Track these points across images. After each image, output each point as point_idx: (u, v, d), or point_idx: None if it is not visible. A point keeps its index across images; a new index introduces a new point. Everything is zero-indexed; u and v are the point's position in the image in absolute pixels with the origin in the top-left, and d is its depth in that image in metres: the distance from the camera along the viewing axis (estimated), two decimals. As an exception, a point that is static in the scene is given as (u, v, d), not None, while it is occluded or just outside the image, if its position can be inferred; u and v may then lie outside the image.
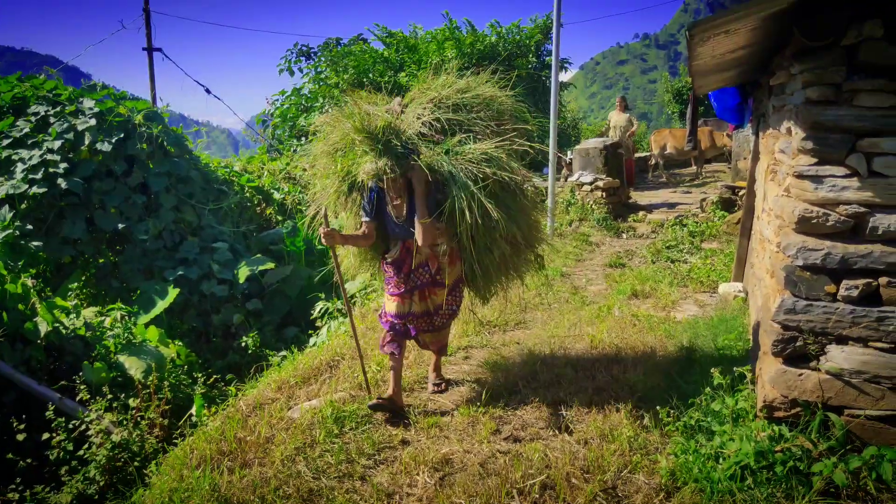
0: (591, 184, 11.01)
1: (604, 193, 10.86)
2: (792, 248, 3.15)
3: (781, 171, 3.77)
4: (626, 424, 3.70)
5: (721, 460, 3.13)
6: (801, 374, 3.19)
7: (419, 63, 17.14)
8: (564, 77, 22.37)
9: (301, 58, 22.04)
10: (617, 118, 13.83)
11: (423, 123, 3.85)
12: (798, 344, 3.18)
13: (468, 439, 3.69)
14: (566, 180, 11.70)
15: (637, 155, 17.94)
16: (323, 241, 3.86)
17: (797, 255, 3.13)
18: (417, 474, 3.35)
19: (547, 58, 19.09)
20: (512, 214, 3.89)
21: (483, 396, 4.19)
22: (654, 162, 15.75)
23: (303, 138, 17.34)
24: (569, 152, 13.00)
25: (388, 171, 3.65)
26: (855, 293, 3.05)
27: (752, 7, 2.87)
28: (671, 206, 11.43)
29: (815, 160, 3.09)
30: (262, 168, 12.83)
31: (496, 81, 4.22)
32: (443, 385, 4.46)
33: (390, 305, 4.10)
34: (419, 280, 4.04)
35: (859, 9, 2.86)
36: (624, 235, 10.03)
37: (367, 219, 3.99)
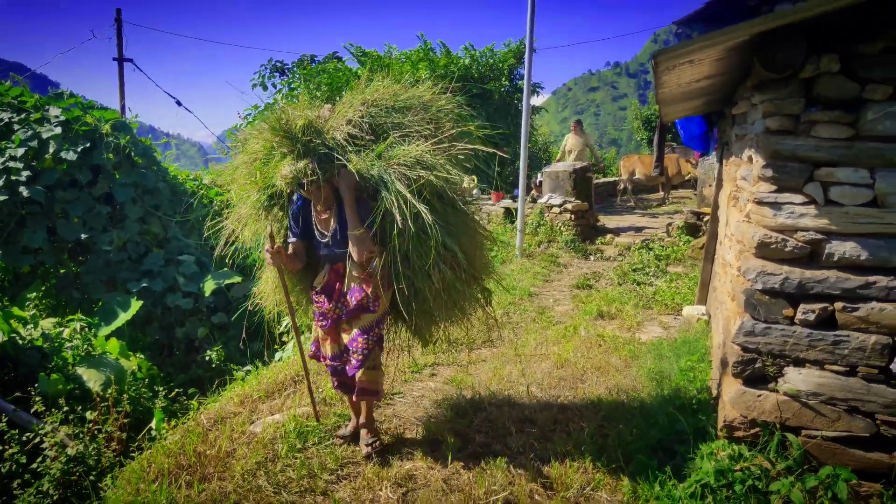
0: (560, 206, 11.15)
1: (572, 216, 11.00)
2: (752, 272, 3.24)
3: (743, 198, 3.88)
4: (590, 442, 3.73)
5: (682, 479, 3.18)
6: (759, 395, 3.26)
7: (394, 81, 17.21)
8: (537, 101, 22.68)
9: (275, 73, 21.98)
10: (573, 142, 13.70)
11: (352, 125, 3.47)
12: (757, 365, 3.26)
13: (432, 455, 3.68)
14: (535, 202, 11.82)
15: (606, 179, 18.24)
16: (270, 261, 3.50)
17: (756, 280, 3.22)
18: (380, 490, 3.33)
19: (519, 81, 19.34)
20: (451, 229, 3.49)
21: (448, 413, 4.19)
22: (622, 187, 16.03)
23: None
24: (538, 174, 13.15)
25: (309, 173, 3.26)
26: (812, 317, 3.14)
27: (714, 38, 2.97)
28: (638, 229, 11.62)
29: (774, 187, 3.19)
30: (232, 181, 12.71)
31: (464, 100, 4.08)
32: (376, 443, 3.72)
33: (325, 347, 3.74)
34: (345, 306, 3.59)
35: (817, 44, 2.98)
36: (591, 257, 10.16)
37: (293, 237, 3.62)
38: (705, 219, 9.70)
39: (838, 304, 3.10)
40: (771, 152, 3.16)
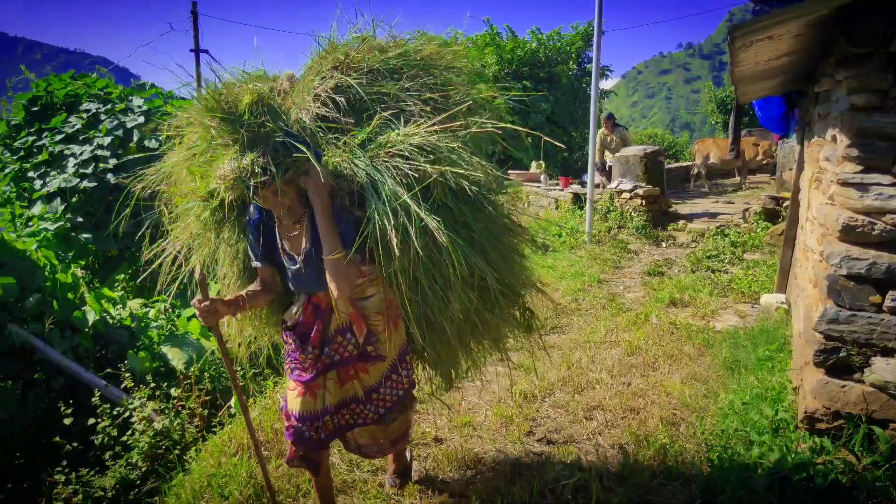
0: (630, 191, 10.91)
1: (643, 201, 10.75)
2: (835, 256, 3.10)
3: (826, 180, 3.71)
4: (662, 431, 3.67)
5: (760, 470, 3.09)
6: (843, 386, 3.13)
7: (469, 72, 17.20)
8: (605, 85, 22.24)
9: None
10: (609, 139, 12.82)
11: (321, 101, 2.48)
12: (841, 355, 3.13)
13: (501, 439, 3.71)
14: (604, 187, 11.61)
15: (679, 164, 17.73)
16: (201, 320, 2.46)
17: (841, 265, 3.08)
18: (449, 471, 3.38)
19: (588, 65, 19.02)
20: (476, 240, 2.49)
21: (517, 398, 4.20)
22: (695, 171, 15.54)
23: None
24: (608, 159, 12.90)
25: (259, 172, 2.22)
26: (901, 304, 2.98)
27: (795, 11, 2.84)
28: (713, 215, 11.25)
29: (860, 168, 3.04)
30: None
31: (530, 85, 3.61)
32: (405, 476, 3.25)
33: (293, 401, 2.70)
34: (338, 354, 2.64)
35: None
36: (663, 244, 9.91)
37: (258, 262, 2.61)
38: (784, 204, 9.30)
39: (931, 291, 2.94)
40: (856, 130, 3.01)
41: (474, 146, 2.67)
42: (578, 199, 11.65)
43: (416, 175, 2.32)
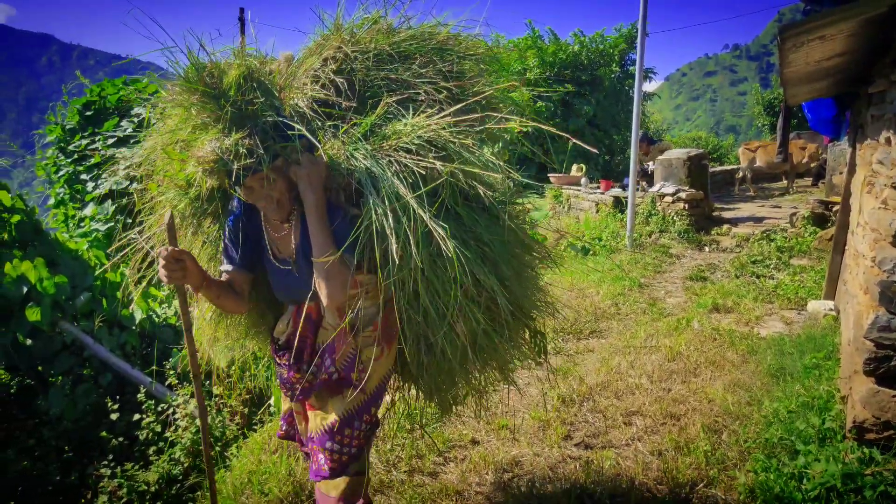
0: (673, 195, 10.74)
1: (686, 205, 10.56)
2: (888, 262, 3.00)
3: (879, 183, 3.60)
4: (703, 438, 3.60)
5: (805, 481, 3.01)
6: (895, 396, 3.03)
7: (500, 71, 17.20)
8: (649, 87, 21.99)
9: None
10: (646, 160, 12.67)
11: (321, 84, 2.22)
12: (892, 363, 3.02)
13: (538, 443, 3.68)
14: (645, 191, 11.44)
15: (723, 168, 17.38)
16: (163, 275, 2.05)
17: (894, 270, 2.98)
18: (486, 473, 3.38)
19: (630, 67, 18.81)
20: (487, 252, 2.22)
21: (554, 402, 4.17)
22: (741, 175, 15.20)
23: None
24: (650, 163, 12.71)
25: (245, 154, 1.93)
26: (958, 312, 2.87)
27: (850, 11, 2.76)
28: (758, 220, 10.99)
29: (916, 170, 2.94)
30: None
31: (572, 88, 3.35)
32: None
33: (300, 422, 2.55)
34: (318, 375, 2.31)
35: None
36: (706, 248, 9.73)
37: (230, 266, 2.29)
38: (834, 208, 9.04)
39: None
40: (913, 132, 2.91)
41: (493, 145, 2.51)
42: (619, 203, 11.51)
43: (423, 173, 2.02)
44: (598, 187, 12.86)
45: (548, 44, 18.40)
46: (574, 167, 14.28)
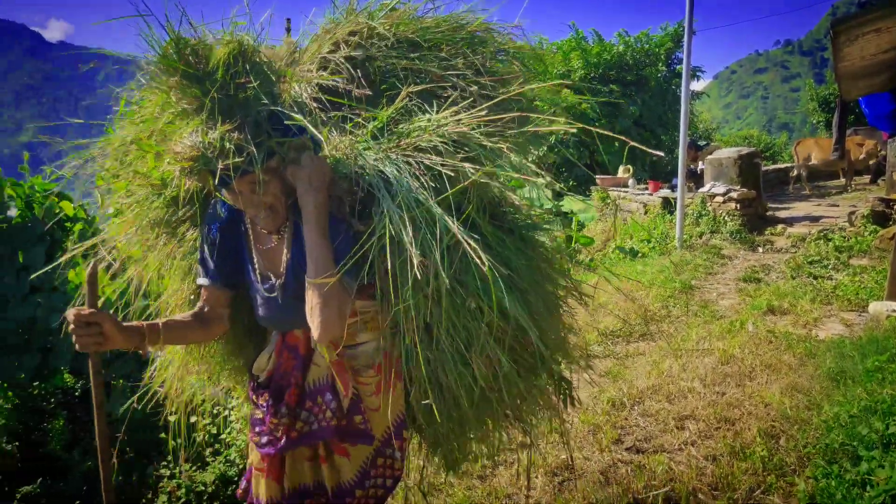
0: (724, 195, 10.50)
1: (738, 205, 10.32)
2: (955, 259, 2.88)
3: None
4: (760, 443, 3.51)
5: (869, 488, 2.90)
6: (964, 399, 2.90)
7: (544, 74, 17.15)
8: (697, 86, 21.60)
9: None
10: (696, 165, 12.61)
11: (329, 70, 1.89)
12: (961, 365, 2.90)
13: (588, 447, 3.65)
14: (694, 192, 11.22)
15: (776, 166, 16.93)
16: (76, 340, 1.67)
17: (961, 268, 2.86)
18: (536, 477, 3.36)
19: (678, 66, 18.49)
20: (516, 283, 1.87)
21: (604, 406, 4.12)
22: (796, 173, 14.77)
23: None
24: (700, 163, 12.47)
25: (231, 152, 1.59)
26: None
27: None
28: (814, 219, 10.66)
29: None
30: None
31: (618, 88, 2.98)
32: None
33: (260, 484, 1.97)
34: (316, 421, 1.90)
35: None
36: (760, 249, 9.48)
37: (206, 280, 1.93)
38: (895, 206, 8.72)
39: None
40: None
41: (538, 147, 2.23)
42: (668, 204, 11.32)
43: (452, 175, 1.67)
44: (646, 188, 12.68)
45: (592, 45, 18.24)
46: (621, 168, 14.11)
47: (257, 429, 1.95)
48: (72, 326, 1.67)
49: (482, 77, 1.99)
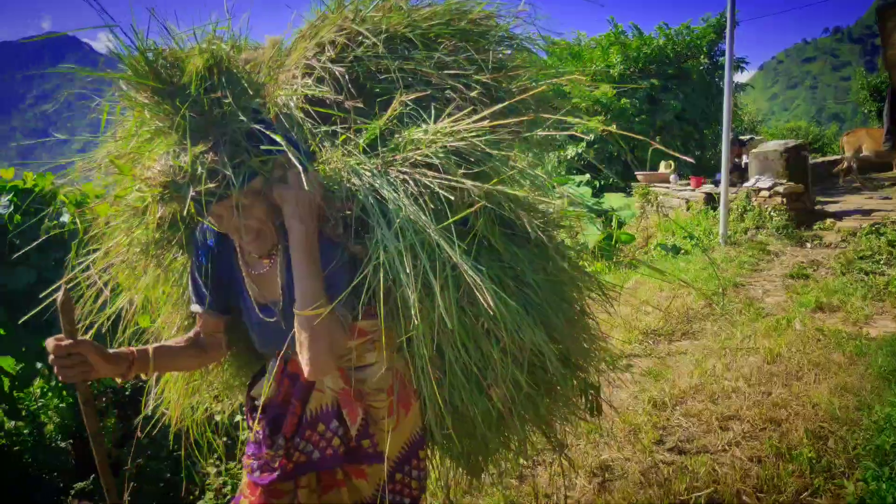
0: (769, 189, 10.23)
1: (784, 199, 10.04)
2: None
3: None
4: (807, 444, 3.42)
5: (922, 491, 2.80)
6: None
7: (583, 70, 16.97)
8: (741, 77, 21.15)
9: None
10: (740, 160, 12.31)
11: (314, 77, 1.72)
12: None
13: (629, 447, 3.61)
14: (738, 186, 10.96)
15: (825, 158, 16.43)
16: (58, 373, 1.55)
17: None
18: (576, 478, 3.34)
19: (720, 58, 18.10)
20: (532, 300, 1.72)
21: (645, 405, 4.07)
22: (846, 165, 14.31)
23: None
24: (744, 157, 12.17)
25: (203, 176, 1.43)
26: None
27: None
28: (866, 213, 10.30)
29: None
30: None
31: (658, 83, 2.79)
32: None
33: None
34: (317, 450, 1.77)
35: None
36: (808, 245, 9.21)
37: (199, 307, 1.80)
38: (953, 197, 8.37)
39: None
40: None
41: (577, 143, 1.99)
42: (711, 199, 11.09)
43: (451, 196, 1.51)
44: (688, 184, 12.44)
45: (631, 40, 17.98)
46: (662, 164, 13.87)
47: (250, 452, 1.81)
48: (51, 357, 1.55)
49: (484, 74, 1.80)
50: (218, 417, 4.61)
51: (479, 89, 1.76)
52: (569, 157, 15.76)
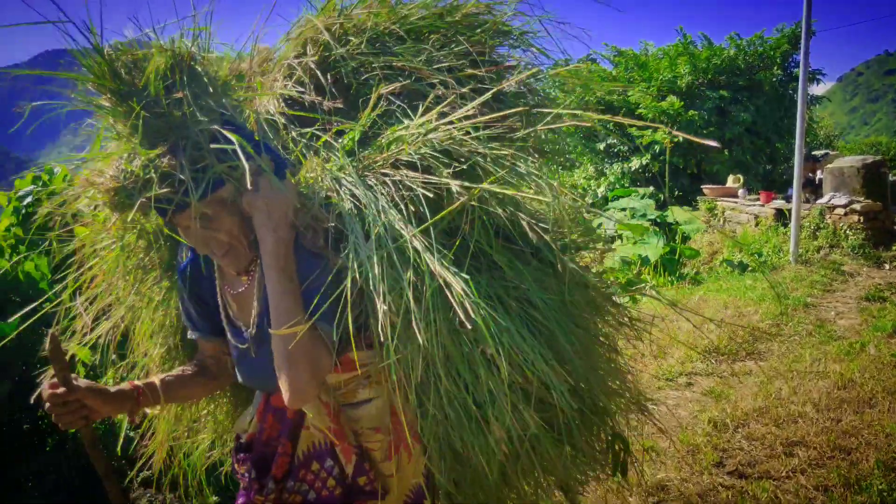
0: (845, 206, 9.81)
1: (861, 218, 9.60)
2: None
3: None
4: (878, 476, 3.25)
5: None
6: None
7: (649, 80, 16.67)
8: (816, 90, 20.28)
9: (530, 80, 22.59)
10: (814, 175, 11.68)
11: (295, 79, 1.66)
12: None
13: (686, 468, 3.51)
14: (811, 203, 10.55)
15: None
16: (56, 420, 1.44)
17: None
18: (630, 497, 3.27)
19: (794, 70, 17.45)
20: (540, 324, 1.52)
21: (705, 426, 3.95)
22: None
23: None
24: (819, 172, 11.71)
25: (155, 182, 1.28)
26: None
27: None
28: (951, 233, 9.76)
29: None
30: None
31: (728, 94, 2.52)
32: None
33: None
34: (312, 490, 1.59)
35: None
36: (886, 266, 8.78)
37: (195, 333, 1.69)
38: None
39: None
40: None
41: (644, 154, 1.78)
42: (782, 216, 10.70)
43: (432, 197, 1.37)
44: (758, 199, 12.05)
45: (700, 50, 17.55)
46: (731, 178, 13.48)
47: (240, 501, 1.62)
48: (48, 405, 1.43)
49: (480, 69, 1.67)
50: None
51: (473, 84, 1.63)
52: (632, 168, 15.49)
